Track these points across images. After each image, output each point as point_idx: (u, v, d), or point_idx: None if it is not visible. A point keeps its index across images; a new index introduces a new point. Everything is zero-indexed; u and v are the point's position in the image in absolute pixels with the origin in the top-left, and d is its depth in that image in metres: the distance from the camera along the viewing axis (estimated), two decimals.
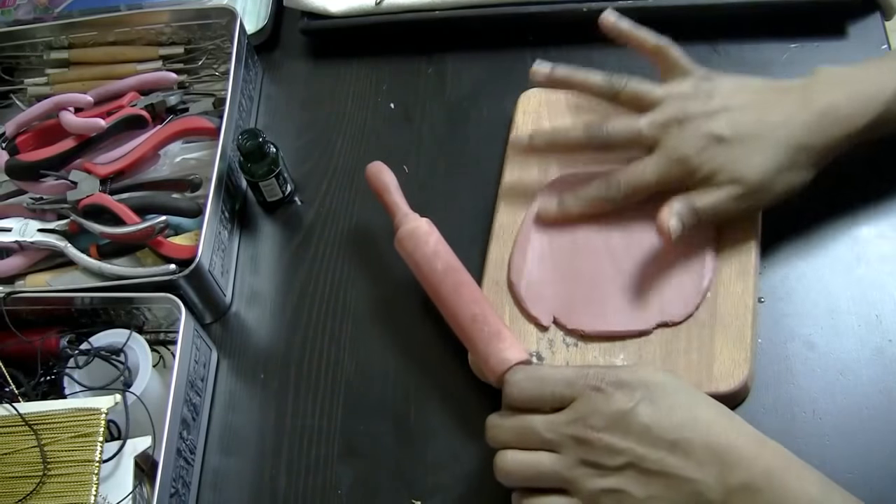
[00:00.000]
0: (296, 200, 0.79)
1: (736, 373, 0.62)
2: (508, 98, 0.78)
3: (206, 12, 0.82)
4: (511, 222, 0.71)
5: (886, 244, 0.68)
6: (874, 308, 0.66)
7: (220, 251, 0.73)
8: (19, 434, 0.61)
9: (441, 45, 0.85)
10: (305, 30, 0.86)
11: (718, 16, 0.80)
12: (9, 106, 0.86)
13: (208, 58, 0.84)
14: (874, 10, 0.79)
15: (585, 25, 0.81)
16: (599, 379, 0.55)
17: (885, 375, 0.63)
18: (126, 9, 0.86)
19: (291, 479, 0.66)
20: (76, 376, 0.65)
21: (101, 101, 0.80)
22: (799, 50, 0.79)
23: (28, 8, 0.88)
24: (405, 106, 0.82)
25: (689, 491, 0.51)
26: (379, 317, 0.72)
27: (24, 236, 0.74)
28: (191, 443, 0.66)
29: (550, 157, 0.73)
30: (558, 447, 0.55)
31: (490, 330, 0.62)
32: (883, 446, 0.61)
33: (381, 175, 0.72)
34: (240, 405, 0.70)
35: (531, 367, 0.59)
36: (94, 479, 0.59)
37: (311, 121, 0.83)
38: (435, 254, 0.67)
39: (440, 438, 0.66)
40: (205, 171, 0.77)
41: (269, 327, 0.73)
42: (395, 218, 0.70)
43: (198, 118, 0.78)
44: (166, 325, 0.71)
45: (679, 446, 0.52)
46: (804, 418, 0.62)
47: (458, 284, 0.65)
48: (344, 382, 0.70)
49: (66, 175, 0.75)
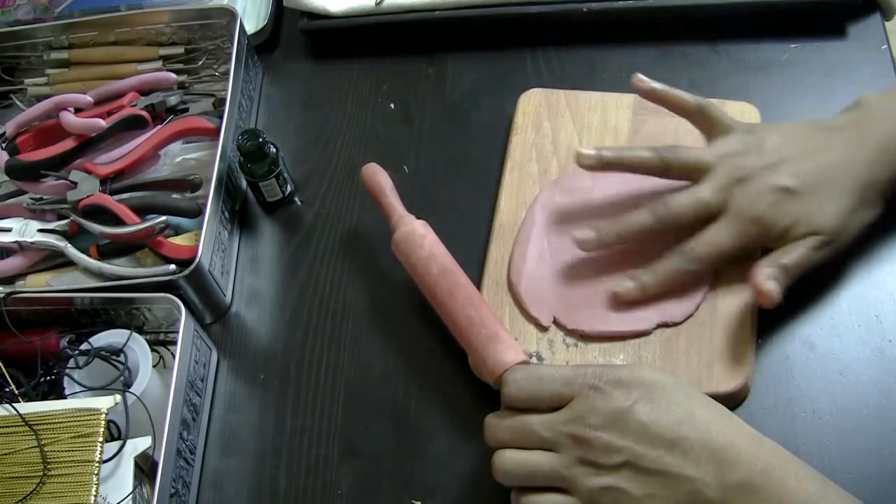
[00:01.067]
0: (296, 200, 0.79)
1: (736, 373, 0.62)
2: (508, 98, 0.78)
3: (207, 12, 0.82)
4: (511, 222, 0.71)
5: (886, 244, 0.68)
6: (874, 308, 0.66)
7: (220, 251, 0.73)
8: (19, 434, 0.61)
9: (441, 45, 0.85)
10: (305, 30, 0.86)
11: (718, 16, 0.80)
12: (9, 106, 0.86)
13: (208, 58, 0.84)
14: (874, 10, 0.79)
15: (585, 25, 0.82)
16: (597, 378, 0.55)
17: (884, 376, 0.63)
18: (126, 9, 0.86)
19: (291, 479, 0.66)
20: (76, 376, 0.65)
21: (101, 101, 0.80)
22: (799, 50, 0.78)
23: (28, 8, 0.88)
24: (405, 106, 0.82)
25: (687, 489, 0.51)
26: (379, 317, 0.72)
27: (24, 236, 0.74)
28: (191, 443, 0.66)
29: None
30: (556, 446, 0.55)
31: (487, 332, 0.62)
32: (883, 446, 0.61)
33: (376, 177, 0.72)
34: (240, 405, 0.70)
35: (529, 367, 0.59)
36: (94, 479, 0.59)
37: (311, 121, 0.83)
38: (430, 257, 0.67)
39: (440, 438, 0.66)
40: (205, 172, 0.77)
41: (269, 327, 0.73)
42: (391, 220, 0.70)
43: (198, 118, 0.78)
44: (166, 326, 0.71)
45: (677, 445, 0.52)
46: (804, 418, 0.62)
47: (454, 287, 0.65)
48: (344, 382, 0.70)
49: (66, 175, 0.75)
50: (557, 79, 0.81)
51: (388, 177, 0.72)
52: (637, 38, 0.81)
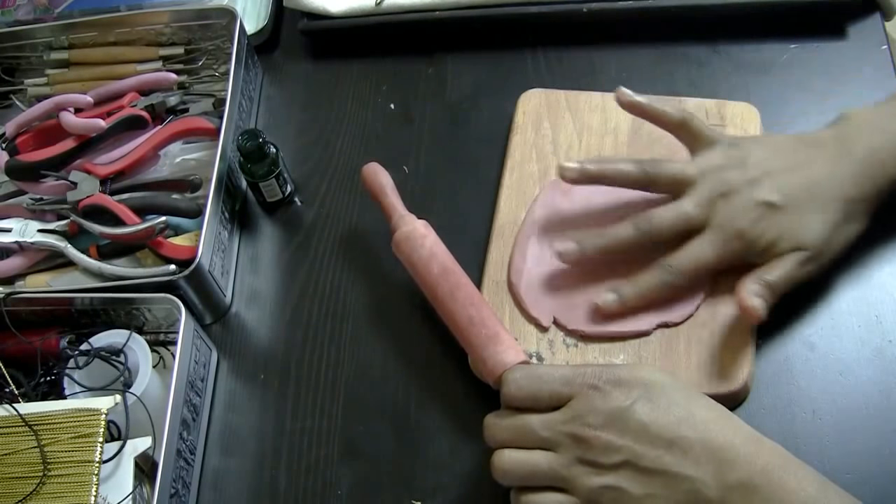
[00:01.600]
0: (296, 201, 0.79)
1: (736, 373, 0.62)
2: (508, 98, 0.78)
3: (207, 13, 0.82)
4: (511, 222, 0.71)
5: (886, 244, 0.68)
6: (874, 308, 0.66)
7: (220, 251, 0.73)
8: (19, 434, 0.61)
9: (441, 45, 0.85)
10: (305, 30, 0.86)
11: (718, 16, 0.80)
12: (9, 106, 0.86)
13: (208, 58, 0.84)
14: (874, 11, 0.79)
15: (585, 25, 0.82)
16: (597, 377, 0.55)
17: (884, 376, 0.63)
18: (126, 9, 0.86)
19: (291, 479, 0.66)
20: (76, 377, 0.65)
21: (101, 101, 0.80)
22: (799, 50, 0.78)
23: (28, 8, 0.88)
24: (405, 106, 0.82)
25: (686, 489, 0.51)
26: (379, 317, 0.72)
27: (24, 237, 0.74)
28: (191, 443, 0.66)
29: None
30: (555, 446, 0.55)
31: (487, 333, 0.62)
32: (883, 446, 0.61)
33: (377, 176, 0.72)
34: (240, 405, 0.70)
35: (528, 367, 0.59)
36: (94, 479, 0.59)
37: (311, 121, 0.83)
38: (431, 257, 0.67)
39: (440, 438, 0.66)
40: (205, 172, 0.77)
41: (269, 327, 0.73)
42: (392, 220, 0.70)
43: (198, 118, 0.78)
44: (166, 326, 0.71)
45: (676, 444, 0.52)
46: (804, 419, 0.62)
47: (455, 287, 0.65)
48: (344, 382, 0.70)
49: (66, 175, 0.75)
50: (557, 79, 0.81)
51: (388, 176, 0.72)
52: (637, 38, 0.81)
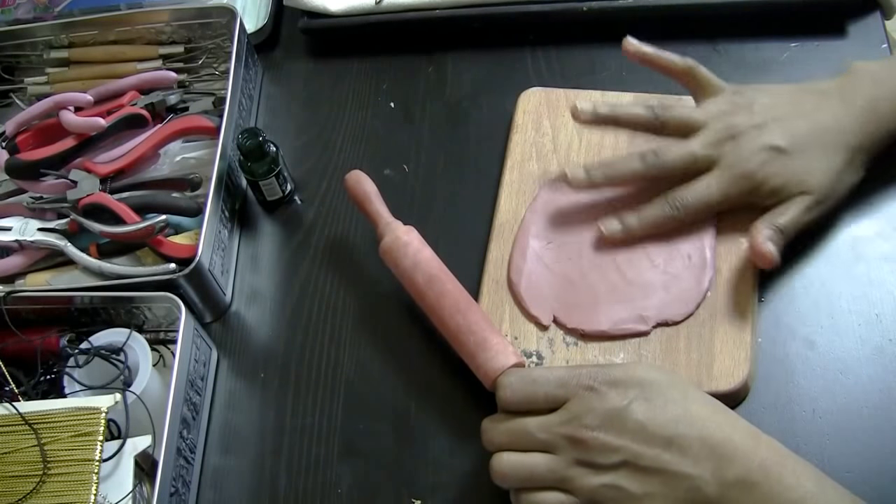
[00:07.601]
0: (296, 200, 0.79)
1: (736, 372, 0.62)
2: (508, 98, 0.78)
3: (206, 11, 0.82)
4: (511, 221, 0.71)
5: (886, 243, 0.68)
6: (874, 307, 0.66)
7: (220, 250, 0.73)
8: (19, 433, 0.61)
9: (441, 44, 0.85)
10: (305, 29, 0.86)
11: (718, 16, 0.80)
12: (9, 105, 0.87)
13: (208, 57, 0.84)
14: (874, 10, 0.79)
15: (585, 25, 0.82)
16: (592, 378, 0.55)
17: (885, 374, 0.63)
18: (126, 8, 0.86)
19: (291, 479, 0.66)
20: (76, 375, 0.65)
21: (101, 100, 0.80)
22: (799, 49, 0.79)
23: (28, 7, 0.88)
24: (405, 106, 0.82)
25: (685, 486, 0.51)
26: (379, 316, 0.72)
27: (24, 235, 0.74)
28: (191, 442, 0.66)
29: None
30: (553, 448, 0.55)
31: (475, 339, 0.62)
32: (883, 445, 0.61)
33: (360, 184, 0.71)
34: (240, 404, 0.70)
35: (523, 370, 0.59)
36: (94, 478, 0.59)
37: (311, 120, 0.83)
38: (415, 266, 0.66)
39: (440, 438, 0.66)
40: (205, 171, 0.77)
41: (269, 327, 0.73)
42: (378, 228, 0.69)
43: (198, 117, 0.78)
44: (166, 325, 0.71)
45: (674, 442, 0.52)
46: (804, 417, 0.62)
47: (440, 295, 0.65)
48: (344, 382, 0.70)
49: (66, 174, 0.75)
50: (557, 78, 0.81)
51: (372, 183, 0.71)
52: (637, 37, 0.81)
